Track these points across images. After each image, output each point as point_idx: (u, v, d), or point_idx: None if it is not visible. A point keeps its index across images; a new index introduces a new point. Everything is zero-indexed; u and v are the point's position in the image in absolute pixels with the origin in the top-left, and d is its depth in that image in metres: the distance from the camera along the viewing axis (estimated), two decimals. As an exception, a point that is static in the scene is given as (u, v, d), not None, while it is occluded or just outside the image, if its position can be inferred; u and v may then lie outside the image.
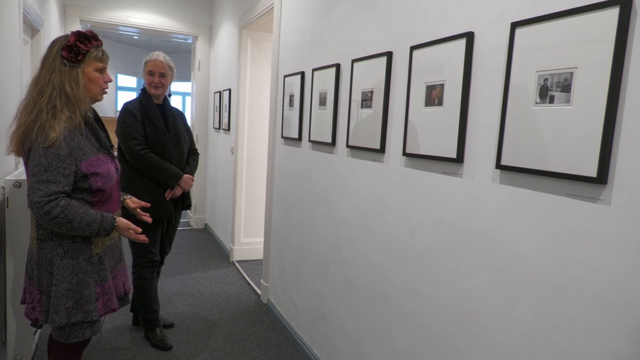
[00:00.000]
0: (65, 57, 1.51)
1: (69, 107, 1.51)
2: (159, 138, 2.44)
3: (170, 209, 2.53)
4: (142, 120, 2.42)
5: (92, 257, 1.61)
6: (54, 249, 1.55)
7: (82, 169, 1.53)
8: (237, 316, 3.05)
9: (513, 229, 1.26)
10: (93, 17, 4.72)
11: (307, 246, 2.60)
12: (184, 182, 2.53)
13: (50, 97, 1.49)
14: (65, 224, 1.48)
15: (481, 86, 1.36)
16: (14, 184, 2.05)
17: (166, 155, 2.47)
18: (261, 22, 3.64)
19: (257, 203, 4.14)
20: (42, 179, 1.45)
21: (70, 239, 1.57)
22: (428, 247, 1.59)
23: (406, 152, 1.68)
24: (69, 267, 1.56)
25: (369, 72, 1.93)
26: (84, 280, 1.59)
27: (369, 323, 1.96)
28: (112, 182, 1.65)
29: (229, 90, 4.36)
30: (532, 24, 1.18)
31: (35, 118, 1.47)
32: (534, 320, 1.19)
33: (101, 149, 1.63)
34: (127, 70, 9.34)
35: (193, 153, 2.72)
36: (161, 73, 2.46)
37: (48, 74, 1.51)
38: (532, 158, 1.18)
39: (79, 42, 1.53)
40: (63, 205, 1.47)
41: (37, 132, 1.45)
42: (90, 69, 1.58)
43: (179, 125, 2.59)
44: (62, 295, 1.55)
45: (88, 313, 1.59)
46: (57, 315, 1.55)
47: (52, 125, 1.45)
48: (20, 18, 2.52)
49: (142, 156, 2.39)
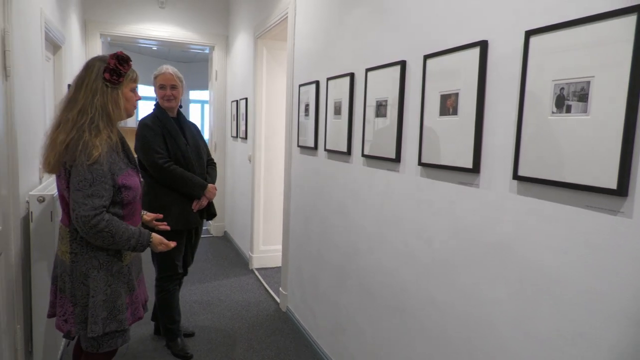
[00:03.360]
0: (108, 79, 1.59)
1: (109, 127, 1.60)
2: (181, 150, 2.47)
3: (198, 220, 2.55)
4: (161, 133, 2.45)
5: (123, 269, 1.68)
6: (89, 262, 1.61)
7: (119, 182, 1.60)
8: (257, 325, 3.06)
9: (531, 241, 1.23)
10: (113, 31, 4.84)
11: (325, 255, 2.60)
12: (209, 191, 2.55)
13: (93, 118, 1.56)
14: (108, 238, 1.55)
15: (496, 95, 1.34)
16: (38, 199, 2.10)
17: (189, 166, 2.49)
18: (276, 32, 3.67)
19: (276, 210, 4.16)
20: (87, 194, 1.51)
21: (105, 252, 1.63)
22: (445, 257, 1.57)
23: (422, 162, 1.67)
24: (104, 278, 1.62)
25: (383, 81, 1.92)
26: (117, 291, 1.65)
27: (387, 333, 1.95)
28: (138, 196, 1.72)
29: (245, 99, 4.40)
30: (547, 32, 1.16)
31: (79, 137, 1.53)
32: (553, 333, 1.16)
33: (130, 164, 1.71)
34: (148, 80, 9.51)
35: (211, 163, 2.75)
36: (172, 85, 2.49)
37: (89, 96, 1.57)
38: (549, 169, 1.15)
39: (119, 64, 1.60)
40: (108, 220, 1.54)
41: (81, 150, 1.51)
42: (127, 89, 1.67)
43: (197, 136, 2.62)
44: (99, 307, 1.61)
45: (121, 322, 1.66)
46: (96, 325, 1.61)
47: (95, 144, 1.53)
48: (42, 36, 2.60)
49: (167, 169, 2.42)
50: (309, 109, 2.75)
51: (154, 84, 2.53)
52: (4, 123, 1.88)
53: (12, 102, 1.94)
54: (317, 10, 2.66)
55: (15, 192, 1.98)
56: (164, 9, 4.99)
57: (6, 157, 1.91)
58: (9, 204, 1.92)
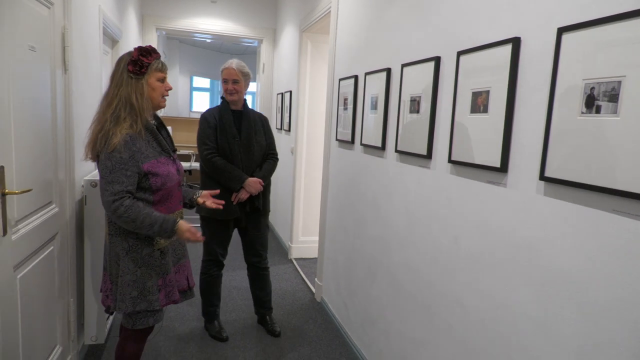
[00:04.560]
0: (131, 70, 1.67)
1: (132, 116, 1.67)
2: (228, 143, 2.55)
3: (235, 212, 2.59)
4: (214, 126, 2.56)
5: (154, 252, 1.76)
6: (120, 244, 1.73)
7: (144, 168, 1.68)
8: (292, 313, 3.15)
9: (557, 243, 1.20)
10: (168, 25, 5.07)
11: (358, 248, 2.63)
12: (249, 185, 2.56)
13: (116, 108, 1.66)
14: (129, 222, 1.64)
15: (526, 94, 1.31)
16: (91, 184, 2.28)
17: (234, 159, 2.56)
18: (320, 25, 3.70)
19: (315, 202, 4.22)
20: (108, 180, 1.62)
21: (135, 235, 1.73)
22: (472, 256, 1.56)
23: (452, 159, 1.65)
24: (133, 260, 1.73)
25: (418, 76, 1.91)
26: (147, 273, 1.75)
27: (413, 329, 1.95)
28: (172, 183, 1.79)
29: (290, 92, 4.48)
30: (579, 29, 1.12)
31: (102, 127, 1.65)
32: (576, 339, 1.13)
33: (162, 153, 1.78)
34: (201, 72, 9.85)
35: (270, 157, 2.74)
36: (234, 80, 2.57)
37: (116, 88, 1.68)
38: (577, 171, 1.12)
39: (142, 56, 1.69)
40: (127, 205, 1.62)
41: (101, 139, 1.63)
42: (153, 79, 1.73)
43: (253, 130, 2.63)
44: (128, 286, 1.72)
45: (151, 303, 1.75)
46: (123, 303, 1.72)
47: (115, 132, 1.62)
48: (100, 32, 2.79)
49: (209, 159, 2.54)
50: (347, 103, 2.77)
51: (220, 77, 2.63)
52: (62, 113, 2.05)
53: (69, 94, 2.11)
54: (358, 6, 2.67)
55: (72, 177, 2.16)
56: (215, 3, 5.16)
57: (64, 144, 2.08)
58: (65, 187, 2.10)
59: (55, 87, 1.96)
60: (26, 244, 1.68)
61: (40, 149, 1.82)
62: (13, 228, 1.57)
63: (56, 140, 1.99)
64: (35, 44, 1.73)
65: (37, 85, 1.79)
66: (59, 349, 2.06)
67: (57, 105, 1.99)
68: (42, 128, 1.84)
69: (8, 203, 1.51)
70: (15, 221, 1.60)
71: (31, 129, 1.72)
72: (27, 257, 1.69)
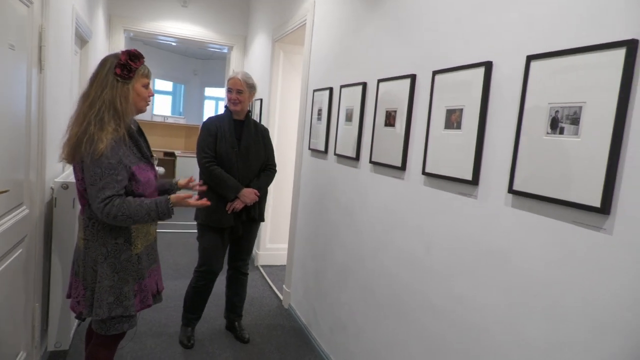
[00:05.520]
0: (119, 74, 1.66)
1: (116, 120, 1.65)
2: (227, 152, 2.58)
3: (229, 221, 2.61)
4: (215, 134, 2.59)
5: (132, 257, 1.75)
6: (98, 249, 1.70)
7: (133, 170, 1.67)
8: (259, 319, 3.17)
9: (523, 251, 1.32)
10: (136, 27, 4.99)
11: (329, 255, 2.70)
12: (244, 195, 2.58)
13: (100, 110, 1.63)
14: (126, 220, 1.63)
15: (497, 113, 1.43)
16: (62, 186, 2.23)
17: (232, 169, 2.59)
18: (294, 36, 3.78)
19: (284, 210, 4.26)
20: (99, 187, 1.60)
21: (114, 240, 1.71)
22: (443, 263, 1.66)
23: (425, 171, 1.76)
24: (111, 266, 1.71)
25: (394, 92, 2.02)
26: (124, 278, 1.73)
27: (386, 333, 2.04)
28: (151, 189, 1.80)
29: (260, 100, 4.52)
30: (546, 58, 1.25)
31: (85, 130, 1.61)
32: (543, 340, 1.25)
33: (142, 159, 1.78)
34: (164, 75, 9.70)
35: (268, 168, 2.79)
36: (238, 90, 2.61)
37: (99, 89, 1.65)
38: (542, 185, 1.24)
39: (130, 60, 1.67)
40: (118, 204, 1.60)
41: (87, 144, 1.59)
42: (139, 84, 1.73)
43: (253, 141, 2.67)
44: (105, 292, 1.70)
45: (127, 308, 1.74)
46: (100, 309, 1.70)
47: (100, 137, 1.59)
48: (72, 32, 2.74)
49: (207, 168, 2.55)
50: (322, 113, 2.86)
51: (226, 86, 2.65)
52: (36, 113, 2.01)
53: (44, 94, 2.07)
54: (334, 20, 2.77)
55: (42, 178, 2.11)
56: (186, 7, 5.14)
57: (36, 145, 2.04)
58: (36, 189, 2.05)
59: (30, 87, 1.92)
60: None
61: (14, 149, 1.78)
62: (-14, 229, 1.53)
63: (29, 140, 1.95)
64: (14, 43, 1.70)
65: (14, 84, 1.75)
66: (22, 355, 1.99)
67: (32, 104, 1.95)
68: (17, 127, 1.80)
69: (-17, 203, 1.47)
70: (-12, 222, 1.56)
71: (6, 129, 1.68)
72: (-3, 259, 1.65)
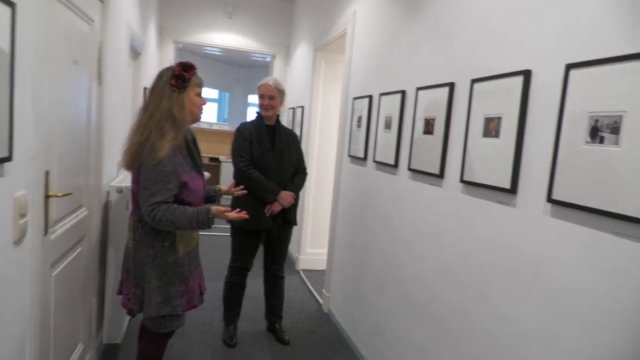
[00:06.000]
0: (174, 85, 1.77)
1: (174, 129, 1.76)
2: (263, 156, 2.68)
3: (267, 224, 2.71)
4: (249, 139, 2.69)
5: (178, 259, 1.85)
6: (146, 250, 1.82)
7: (182, 179, 1.77)
8: (299, 322, 3.23)
9: (561, 262, 1.30)
10: (184, 38, 5.25)
11: (367, 261, 2.73)
12: (282, 198, 2.68)
13: (159, 120, 1.75)
14: (169, 225, 1.73)
15: (536, 122, 1.43)
16: (117, 190, 2.40)
17: (268, 172, 2.68)
18: (335, 45, 3.85)
19: (324, 216, 4.32)
20: (151, 192, 1.71)
21: (160, 243, 1.82)
22: (480, 271, 1.66)
23: (463, 179, 1.76)
24: (159, 267, 1.82)
25: (432, 100, 2.03)
26: (171, 280, 1.84)
27: (421, 340, 2.04)
28: (199, 198, 1.89)
29: (302, 108, 4.62)
30: (586, 66, 1.24)
31: (146, 138, 1.73)
32: (578, 352, 1.23)
33: (194, 167, 1.88)
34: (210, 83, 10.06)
35: (300, 172, 2.88)
36: (270, 96, 2.70)
37: (157, 101, 1.78)
38: (581, 194, 1.23)
39: (184, 71, 1.79)
40: (164, 210, 1.71)
41: (148, 151, 1.71)
42: (192, 93, 1.83)
43: (286, 145, 2.76)
44: (154, 291, 1.81)
45: (174, 308, 1.84)
46: (150, 307, 1.81)
47: (160, 145, 1.71)
48: (127, 46, 2.93)
49: (245, 172, 2.65)
50: (362, 121, 2.90)
51: (257, 92, 2.76)
52: (96, 123, 2.18)
53: (102, 105, 2.24)
54: (374, 29, 2.81)
55: (100, 182, 2.28)
56: (231, 19, 5.34)
57: (95, 152, 2.21)
58: (94, 192, 2.22)
59: (90, 98, 2.09)
60: (61, 244, 1.79)
61: (77, 156, 1.94)
62: (52, 228, 1.68)
63: (89, 148, 2.11)
64: (78, 59, 1.86)
65: (78, 97, 1.91)
66: (81, 347, 2.15)
67: (92, 115, 2.11)
68: (79, 136, 1.97)
69: (50, 205, 1.62)
70: (54, 222, 1.71)
71: (71, 137, 1.84)
72: (61, 256, 1.80)
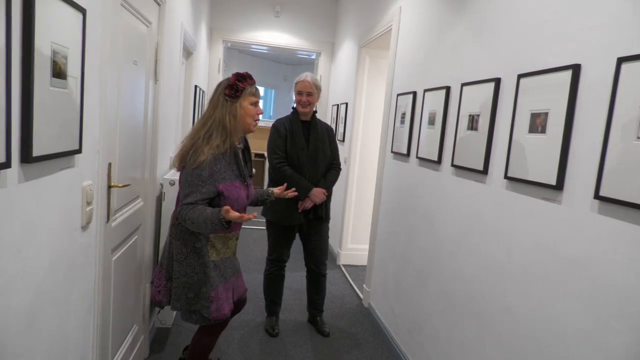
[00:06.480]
0: (228, 94, 1.85)
1: (222, 137, 1.83)
2: (297, 153, 2.74)
3: (299, 219, 2.78)
4: (285, 136, 2.76)
5: (208, 263, 1.89)
6: (179, 248, 1.90)
7: (219, 188, 1.83)
8: (340, 316, 3.29)
9: (608, 260, 1.27)
10: (233, 37, 5.42)
11: (408, 257, 2.73)
12: (314, 195, 2.74)
13: (210, 127, 1.84)
14: (190, 224, 1.78)
15: (584, 118, 1.40)
16: (170, 182, 2.54)
17: (301, 169, 2.75)
18: (379, 42, 3.85)
19: (365, 211, 4.35)
20: (185, 193, 1.80)
21: (192, 243, 1.88)
22: (523, 268, 1.64)
23: (508, 176, 1.74)
24: (190, 266, 1.89)
25: (477, 96, 2.01)
26: (202, 280, 1.89)
27: (462, 336, 2.04)
28: (239, 207, 1.88)
29: (345, 104, 4.65)
30: (639, 60, 1.20)
31: (194, 143, 1.83)
32: (623, 350, 1.20)
33: (239, 177, 1.92)
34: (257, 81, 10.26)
35: (334, 167, 2.92)
36: (308, 92, 2.75)
37: (212, 110, 1.87)
38: (631, 191, 1.19)
39: (238, 80, 1.86)
40: (189, 209, 1.77)
41: (191, 154, 1.80)
42: (246, 103, 1.89)
43: (320, 141, 2.81)
44: (183, 287, 1.89)
45: (204, 307, 1.89)
46: (178, 302, 1.90)
47: (203, 150, 1.79)
48: (181, 46, 3.08)
49: (279, 169, 2.73)
50: (405, 117, 2.90)
51: (294, 88, 2.83)
52: (152, 119, 2.32)
53: (158, 102, 2.38)
54: (418, 25, 2.80)
55: (154, 175, 2.43)
56: (278, 17, 5.46)
57: (150, 147, 2.35)
58: (149, 184, 2.36)
59: (147, 96, 2.23)
60: (120, 231, 1.93)
61: (135, 150, 2.08)
62: (113, 216, 1.82)
63: (145, 143, 2.25)
64: (137, 59, 1.99)
65: (136, 95, 2.05)
66: (135, 328, 2.31)
67: (148, 111, 2.25)
68: (137, 131, 2.10)
69: (112, 195, 1.75)
70: (115, 210, 1.85)
71: (130, 131, 1.98)
72: (120, 242, 1.94)
